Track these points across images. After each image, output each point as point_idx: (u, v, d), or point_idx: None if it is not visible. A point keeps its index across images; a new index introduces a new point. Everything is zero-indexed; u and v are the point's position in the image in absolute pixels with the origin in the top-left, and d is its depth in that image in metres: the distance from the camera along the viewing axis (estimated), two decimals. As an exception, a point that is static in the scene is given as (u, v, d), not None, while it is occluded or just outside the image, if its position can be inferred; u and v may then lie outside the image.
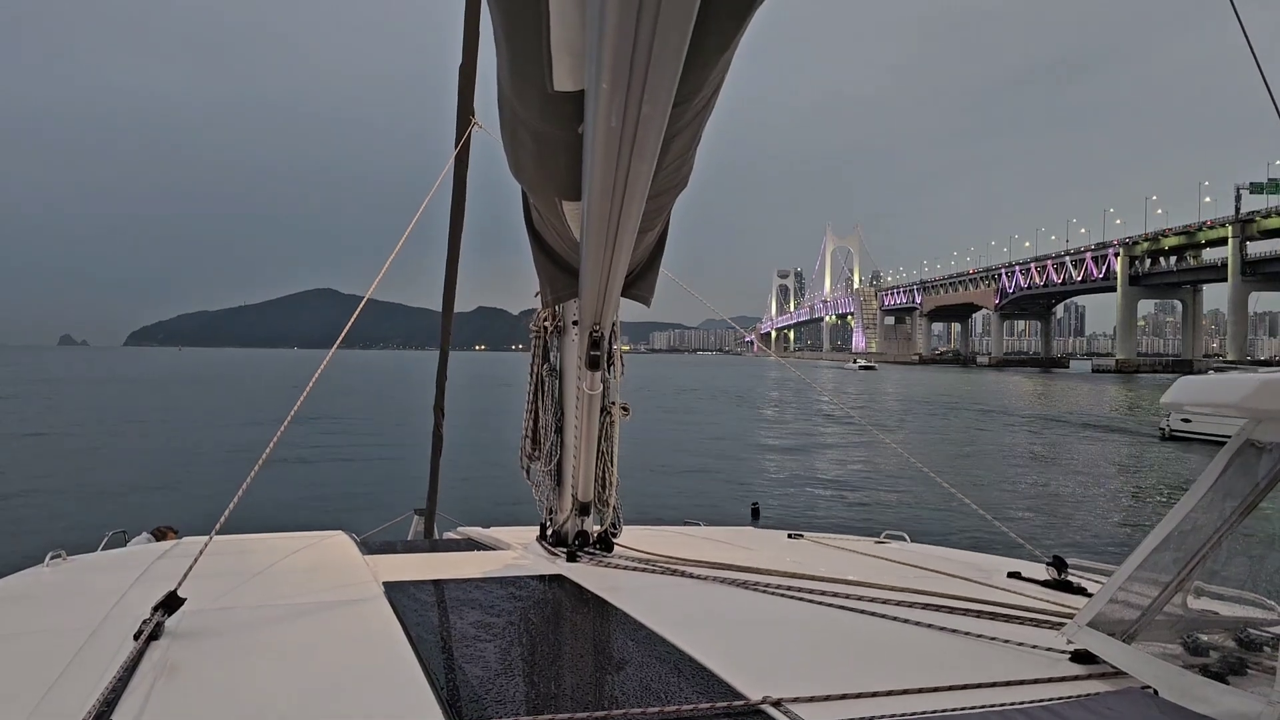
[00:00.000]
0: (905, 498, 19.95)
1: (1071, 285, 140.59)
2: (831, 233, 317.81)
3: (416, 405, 25.31)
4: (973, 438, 33.53)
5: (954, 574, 3.42)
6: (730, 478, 23.18)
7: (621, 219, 2.28)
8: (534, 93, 2.08)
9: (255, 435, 24.95)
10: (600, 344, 3.26)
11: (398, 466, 22.71)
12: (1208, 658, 2.04)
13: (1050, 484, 22.39)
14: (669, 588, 3.18)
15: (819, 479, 23.42)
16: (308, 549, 3.78)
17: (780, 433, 36.03)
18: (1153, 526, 2.24)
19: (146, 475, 21.97)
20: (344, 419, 36.79)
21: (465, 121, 4.56)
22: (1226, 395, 2.06)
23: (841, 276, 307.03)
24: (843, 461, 27.01)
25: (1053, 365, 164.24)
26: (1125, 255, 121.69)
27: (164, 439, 30.48)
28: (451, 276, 5.83)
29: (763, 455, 28.37)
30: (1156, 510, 17.66)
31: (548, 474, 3.97)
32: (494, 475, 18.19)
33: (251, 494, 2.63)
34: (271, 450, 2.74)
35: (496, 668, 2.18)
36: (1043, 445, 31.26)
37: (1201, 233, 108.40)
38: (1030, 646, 2.40)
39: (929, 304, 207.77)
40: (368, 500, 17.49)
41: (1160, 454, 28.46)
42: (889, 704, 1.93)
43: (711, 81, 2.06)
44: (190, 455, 25.81)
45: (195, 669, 2.07)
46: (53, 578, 3.20)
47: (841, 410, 40.73)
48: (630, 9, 1.55)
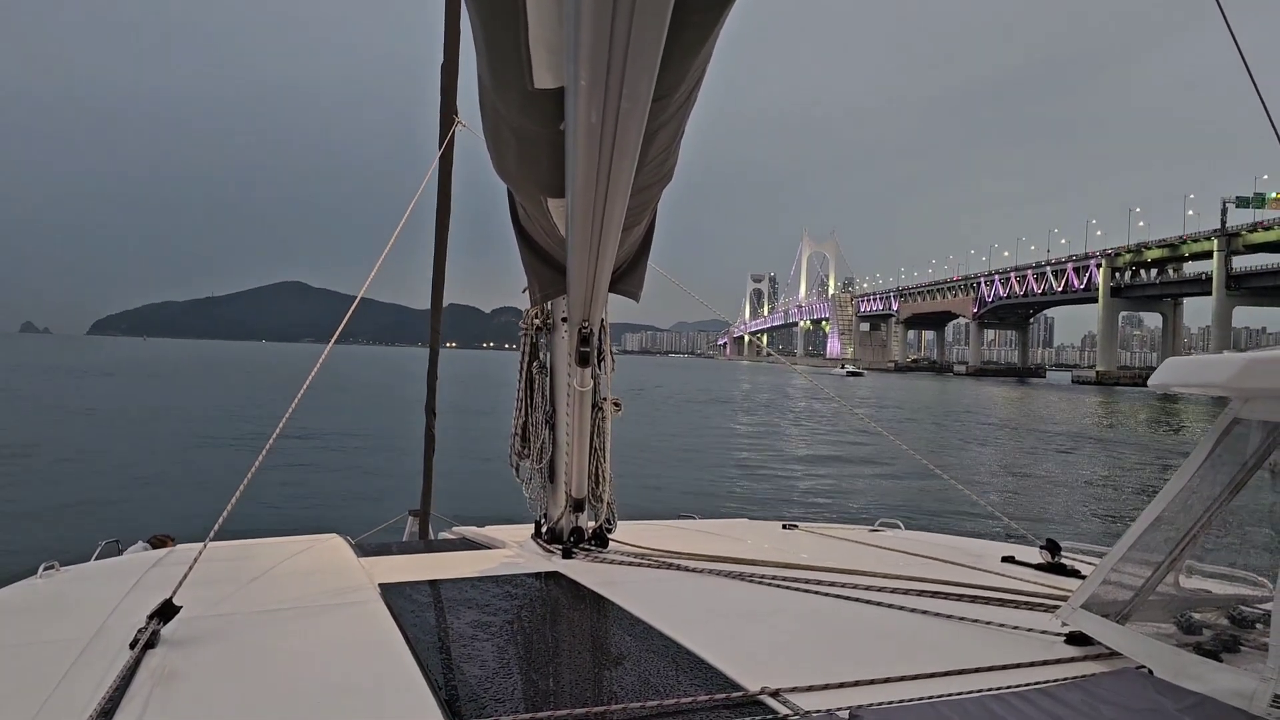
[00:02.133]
0: (898, 484, 19.68)
1: (1052, 296, 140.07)
2: (809, 238, 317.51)
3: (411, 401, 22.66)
4: (1039, 463, 29.19)
5: (948, 560, 3.45)
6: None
7: (606, 215, 2.32)
8: (514, 91, 2.10)
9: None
10: (590, 340, 3.29)
11: (392, 466, 21.78)
12: (1201, 636, 2.08)
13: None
14: (665, 582, 3.19)
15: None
16: (302, 553, 3.72)
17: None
18: (1144, 508, 2.27)
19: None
20: (342, 414, 35.33)
21: (449, 121, 4.59)
22: (1213, 375, 2.09)
23: (817, 282, 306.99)
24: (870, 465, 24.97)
25: (1029, 375, 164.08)
26: (1107, 267, 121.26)
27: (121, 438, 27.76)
28: (439, 275, 5.85)
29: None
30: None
31: (538, 471, 3.98)
32: (488, 473, 17.48)
33: (245, 499, 2.62)
34: (264, 456, 2.75)
35: (494, 666, 2.19)
36: (1128, 471, 27.74)
37: (1185, 246, 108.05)
38: (1025, 630, 2.43)
39: (906, 311, 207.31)
40: (361, 503, 17.05)
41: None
42: (886, 691, 1.95)
43: (692, 75, 2.08)
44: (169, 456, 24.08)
45: (192, 676, 2.07)
46: (47, 588, 3.11)
47: (873, 429, 38.52)
48: (606, 5, 1.57)
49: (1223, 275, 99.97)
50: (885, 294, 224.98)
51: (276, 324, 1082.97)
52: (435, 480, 6.83)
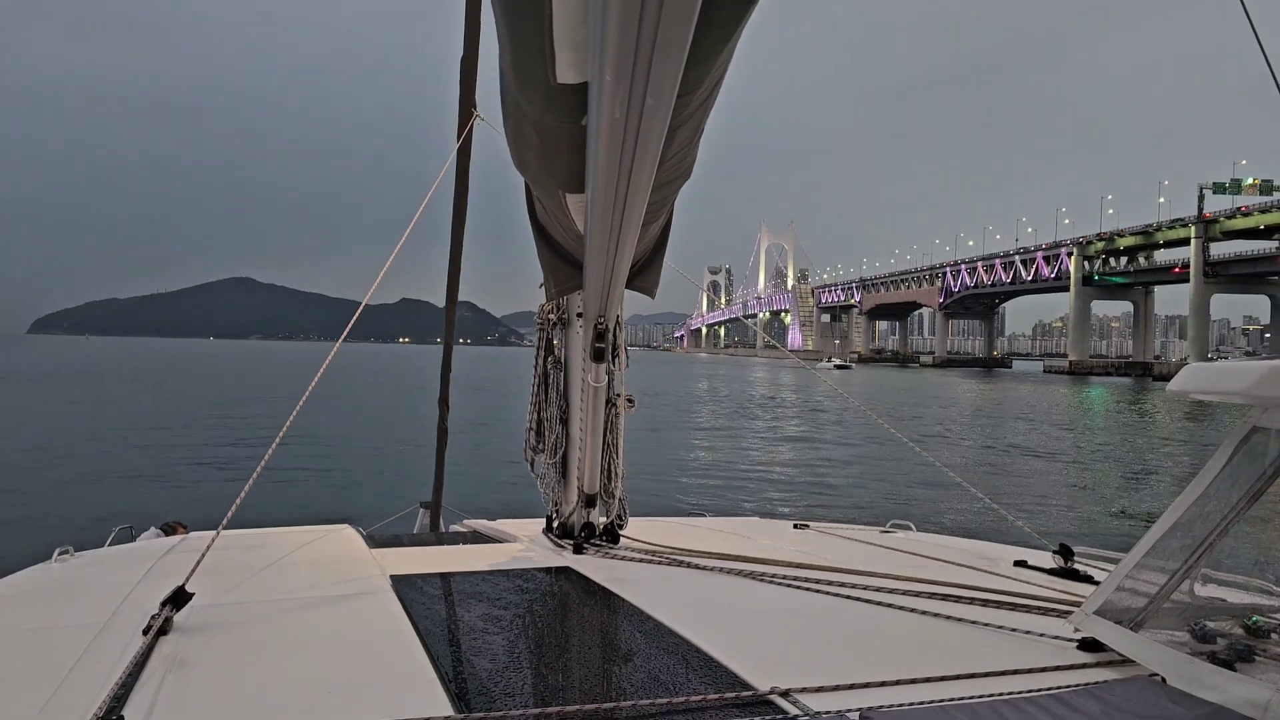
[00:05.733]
0: (915, 489, 19.27)
1: (1021, 285, 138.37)
2: (767, 229, 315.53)
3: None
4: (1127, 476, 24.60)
5: (960, 563, 3.43)
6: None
7: (626, 211, 2.33)
8: (536, 86, 2.12)
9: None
10: (605, 336, 3.29)
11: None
12: (1215, 645, 2.06)
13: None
14: (675, 579, 3.18)
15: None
16: (314, 543, 3.73)
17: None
18: (1160, 514, 2.25)
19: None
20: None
21: (467, 114, 4.55)
22: (1233, 383, 2.08)
23: (775, 272, 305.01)
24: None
25: (995, 366, 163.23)
26: (1079, 255, 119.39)
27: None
28: (455, 270, 5.90)
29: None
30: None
31: (553, 466, 3.93)
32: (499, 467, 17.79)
33: (257, 489, 2.67)
34: (276, 446, 2.77)
35: (504, 660, 2.19)
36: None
37: (1160, 233, 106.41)
38: (1037, 635, 2.42)
39: (869, 302, 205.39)
40: (374, 494, 16.81)
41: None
42: (896, 693, 1.94)
43: (715, 72, 2.09)
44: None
45: (204, 663, 2.09)
46: (61, 573, 3.16)
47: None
48: (634, 2, 1.58)
49: (1200, 262, 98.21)
50: (847, 285, 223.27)
51: (224, 320, 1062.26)
52: (446, 473, 6.76)
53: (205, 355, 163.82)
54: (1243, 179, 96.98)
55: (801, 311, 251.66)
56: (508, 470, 17.34)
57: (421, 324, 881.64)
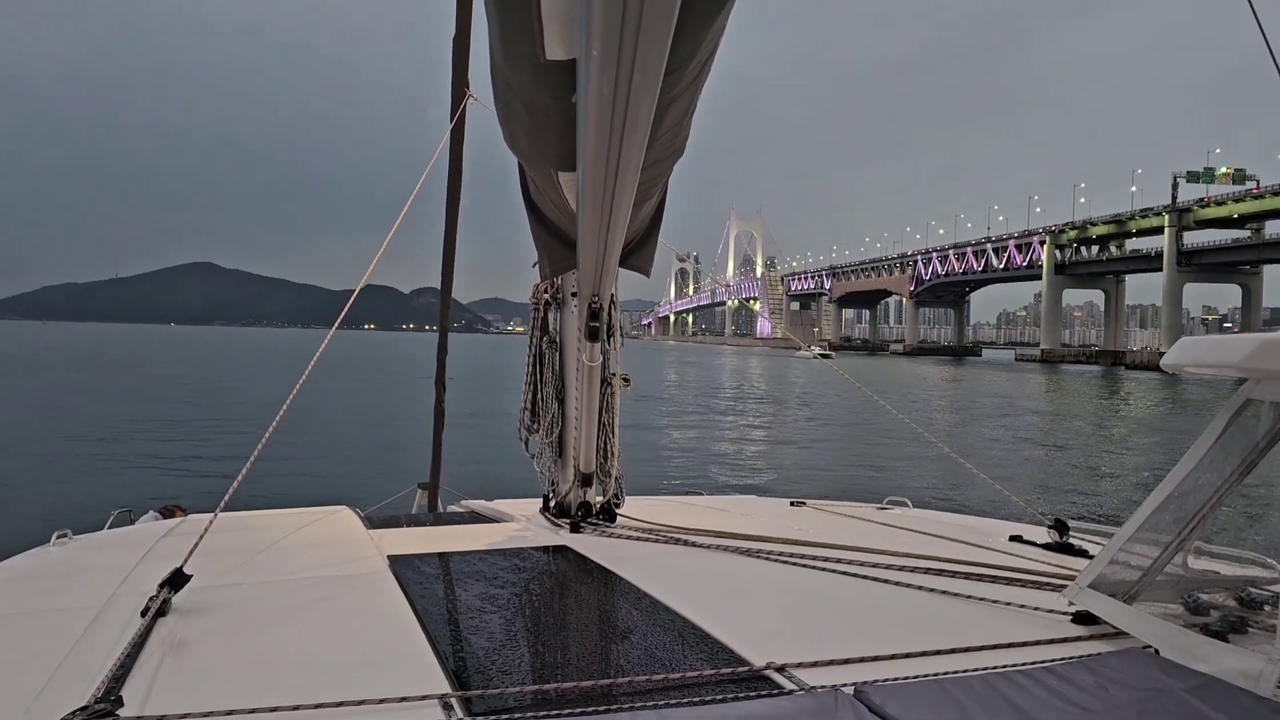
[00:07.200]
0: (910, 464, 19.27)
1: (993, 273, 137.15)
2: (735, 217, 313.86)
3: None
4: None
5: (956, 538, 3.44)
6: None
7: (617, 189, 2.31)
8: (525, 62, 2.11)
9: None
10: (599, 315, 3.32)
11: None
12: (1208, 617, 2.09)
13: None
14: (672, 557, 3.19)
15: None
16: (312, 524, 3.73)
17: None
18: (1154, 487, 2.25)
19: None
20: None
21: (460, 93, 4.52)
22: (1228, 355, 2.09)
23: (744, 260, 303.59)
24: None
25: (966, 354, 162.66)
26: (1051, 243, 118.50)
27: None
28: (449, 252, 5.83)
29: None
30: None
31: (548, 445, 3.92)
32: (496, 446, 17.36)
33: (255, 470, 2.65)
34: (274, 429, 2.75)
35: (502, 639, 2.20)
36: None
37: (1133, 221, 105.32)
38: (1032, 609, 2.42)
39: (839, 290, 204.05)
40: (371, 475, 16.79)
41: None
42: (891, 668, 1.96)
43: (705, 48, 2.07)
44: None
45: (203, 644, 2.10)
46: (60, 556, 3.16)
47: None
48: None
49: (1174, 251, 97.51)
50: (817, 272, 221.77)
51: (186, 306, 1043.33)
52: (443, 453, 6.74)
53: (172, 341, 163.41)
54: (1216, 168, 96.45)
55: (771, 299, 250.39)
56: (496, 451, 16.47)
57: (388, 311, 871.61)
